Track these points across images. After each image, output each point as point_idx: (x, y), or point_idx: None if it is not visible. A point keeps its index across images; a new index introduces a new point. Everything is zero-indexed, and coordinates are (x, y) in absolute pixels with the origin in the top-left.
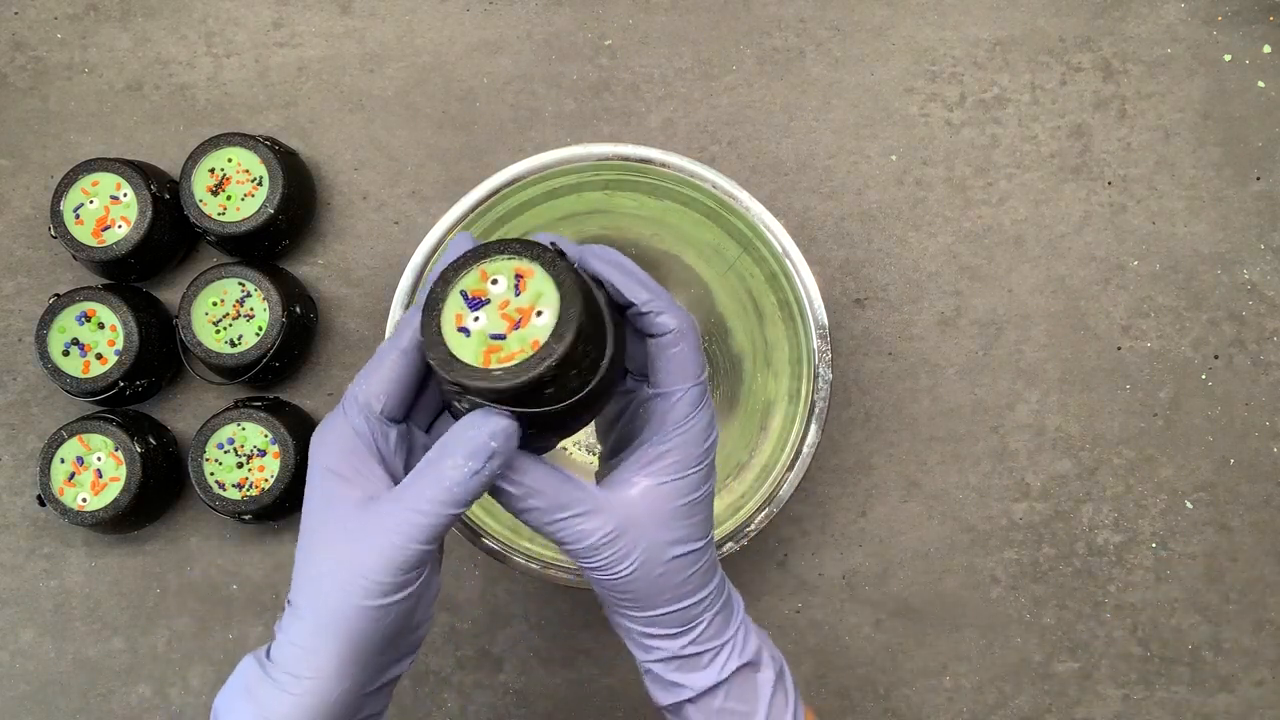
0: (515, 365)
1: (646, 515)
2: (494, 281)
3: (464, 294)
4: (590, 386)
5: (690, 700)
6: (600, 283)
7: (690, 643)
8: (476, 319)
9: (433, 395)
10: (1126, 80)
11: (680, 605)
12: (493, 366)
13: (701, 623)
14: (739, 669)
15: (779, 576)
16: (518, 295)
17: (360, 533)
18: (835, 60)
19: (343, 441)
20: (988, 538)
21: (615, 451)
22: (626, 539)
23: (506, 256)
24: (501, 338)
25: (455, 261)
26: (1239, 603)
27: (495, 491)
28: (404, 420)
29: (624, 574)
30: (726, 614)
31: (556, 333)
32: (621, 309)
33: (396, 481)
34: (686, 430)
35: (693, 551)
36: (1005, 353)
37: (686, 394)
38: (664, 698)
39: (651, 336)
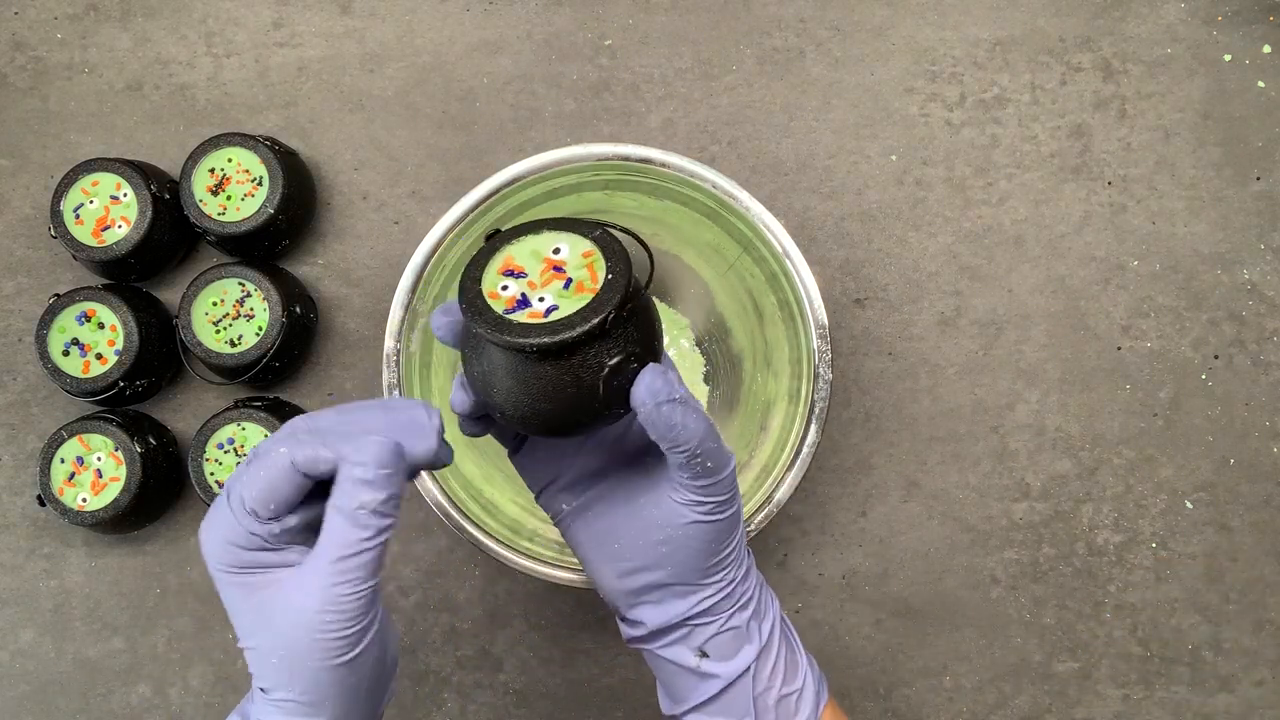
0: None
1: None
2: (558, 251)
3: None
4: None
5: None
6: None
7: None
8: (506, 287)
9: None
10: (1126, 80)
11: (717, 557)
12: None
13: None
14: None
15: (779, 576)
16: (576, 269)
17: (300, 615)
18: (835, 60)
19: (233, 542)
20: (988, 538)
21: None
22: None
23: (599, 247)
24: (526, 300)
25: (582, 221)
26: (1239, 603)
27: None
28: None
29: (707, 517)
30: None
31: (606, 287)
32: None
33: (301, 518)
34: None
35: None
36: (1005, 353)
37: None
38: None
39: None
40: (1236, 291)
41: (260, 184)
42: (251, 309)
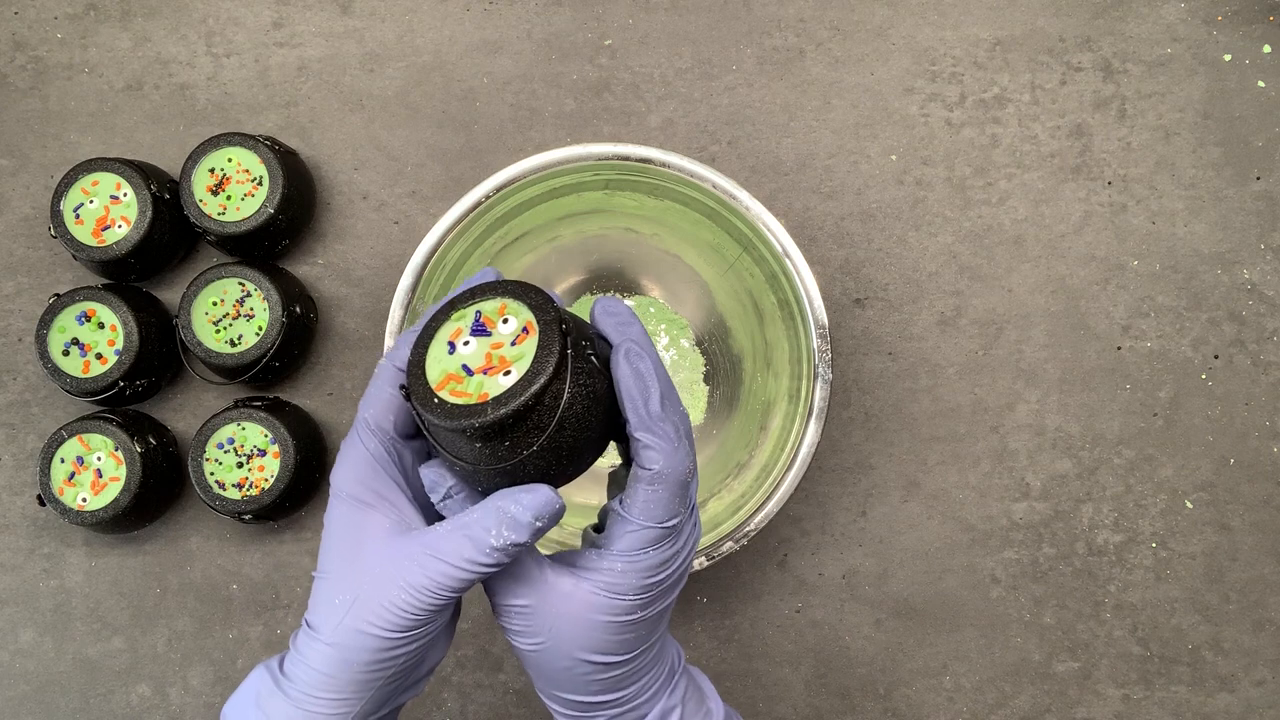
0: (460, 405)
1: (566, 612)
2: (505, 320)
3: (478, 314)
4: (523, 458)
5: None
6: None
7: None
8: (467, 343)
9: None
10: (1126, 80)
11: (577, 698)
12: (444, 397)
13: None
14: None
15: (779, 576)
16: (512, 346)
17: (383, 573)
18: (835, 60)
19: (361, 466)
20: (988, 538)
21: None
22: (537, 619)
23: (524, 305)
24: (469, 373)
25: (488, 284)
26: (1239, 603)
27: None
28: (419, 434)
29: (523, 649)
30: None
31: (499, 399)
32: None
33: (419, 498)
34: (631, 561)
35: (606, 665)
36: (1005, 353)
37: (642, 531)
38: None
39: (633, 462)
40: (1236, 291)
41: (260, 184)
42: (251, 309)
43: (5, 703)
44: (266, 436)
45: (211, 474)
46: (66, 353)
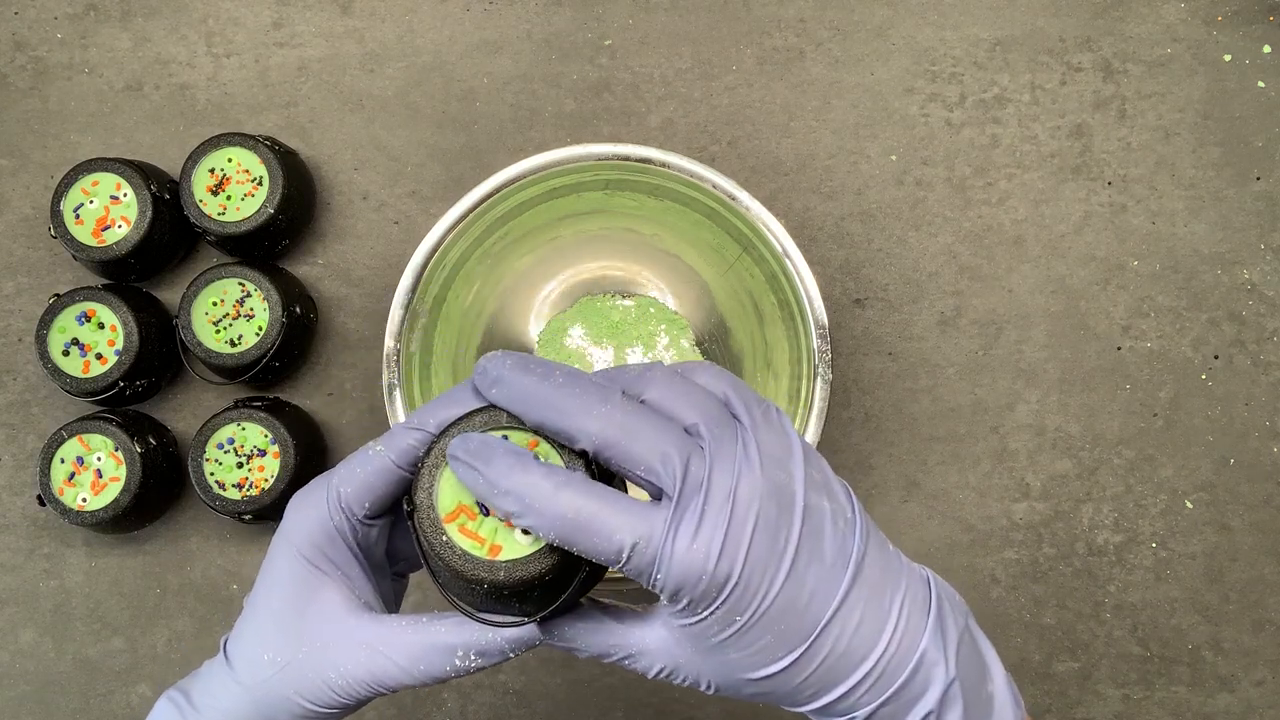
0: (471, 556)
1: (689, 651)
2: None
3: (505, 438)
4: (563, 600)
5: None
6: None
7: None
8: None
9: None
10: (1126, 80)
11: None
12: (454, 536)
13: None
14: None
15: None
16: None
17: (325, 649)
18: (835, 60)
19: (319, 533)
20: (988, 538)
21: None
22: (685, 671)
23: (557, 452)
24: (484, 512)
25: (490, 409)
26: (1239, 603)
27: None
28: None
29: (711, 693)
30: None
31: (513, 565)
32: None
33: (373, 569)
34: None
35: (775, 670)
36: (1005, 353)
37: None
38: None
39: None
40: (1236, 291)
41: (260, 184)
42: (251, 309)
43: (5, 703)
44: (266, 437)
45: (211, 474)
46: (66, 353)
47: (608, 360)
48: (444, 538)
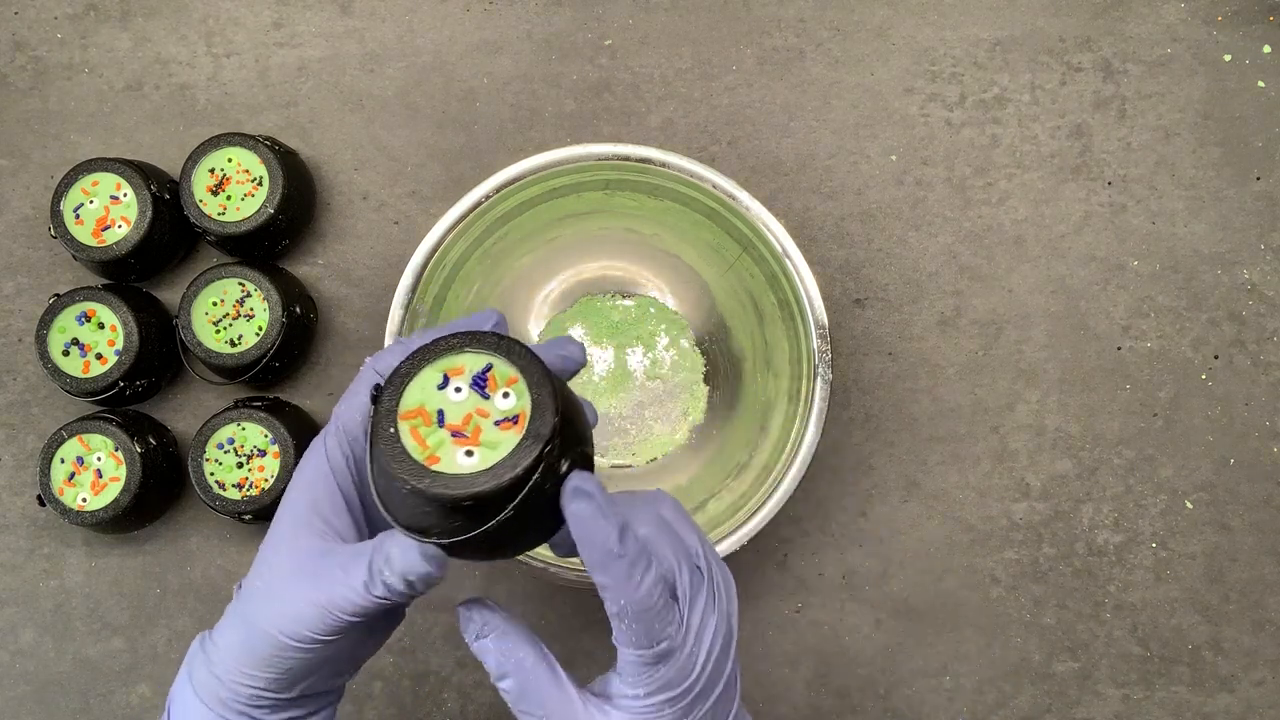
0: (405, 455)
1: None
2: (507, 395)
3: (490, 367)
4: (450, 539)
5: None
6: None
7: None
8: (459, 389)
9: None
10: (1126, 80)
11: None
12: (401, 430)
13: None
14: None
15: (779, 576)
16: (495, 426)
17: (297, 584)
18: (835, 60)
19: (317, 486)
20: (988, 538)
21: None
22: None
23: (530, 393)
24: (439, 422)
25: (520, 347)
26: (1239, 603)
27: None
28: None
29: None
30: None
31: (443, 480)
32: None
33: (369, 512)
34: (639, 682)
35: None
36: (1005, 353)
37: (635, 657)
38: None
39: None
40: (1236, 291)
41: (260, 184)
42: (251, 309)
43: (5, 703)
44: (266, 437)
45: (211, 474)
46: (66, 353)
47: (608, 360)
48: (392, 430)
